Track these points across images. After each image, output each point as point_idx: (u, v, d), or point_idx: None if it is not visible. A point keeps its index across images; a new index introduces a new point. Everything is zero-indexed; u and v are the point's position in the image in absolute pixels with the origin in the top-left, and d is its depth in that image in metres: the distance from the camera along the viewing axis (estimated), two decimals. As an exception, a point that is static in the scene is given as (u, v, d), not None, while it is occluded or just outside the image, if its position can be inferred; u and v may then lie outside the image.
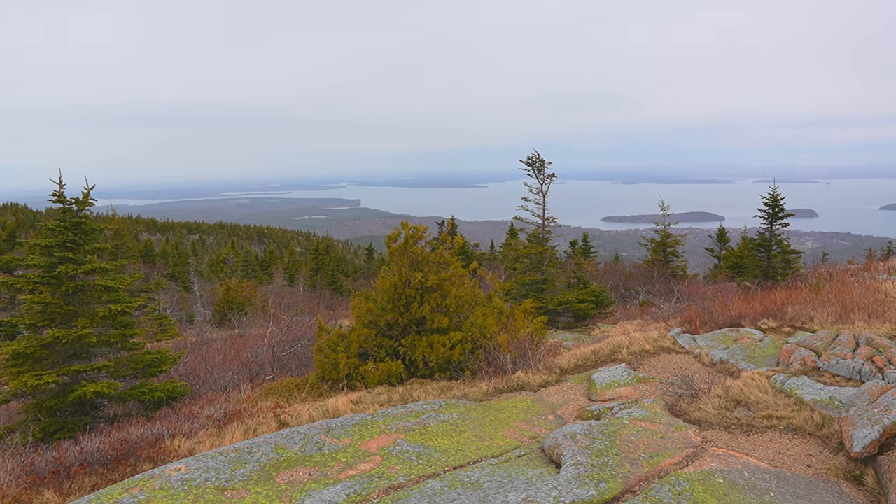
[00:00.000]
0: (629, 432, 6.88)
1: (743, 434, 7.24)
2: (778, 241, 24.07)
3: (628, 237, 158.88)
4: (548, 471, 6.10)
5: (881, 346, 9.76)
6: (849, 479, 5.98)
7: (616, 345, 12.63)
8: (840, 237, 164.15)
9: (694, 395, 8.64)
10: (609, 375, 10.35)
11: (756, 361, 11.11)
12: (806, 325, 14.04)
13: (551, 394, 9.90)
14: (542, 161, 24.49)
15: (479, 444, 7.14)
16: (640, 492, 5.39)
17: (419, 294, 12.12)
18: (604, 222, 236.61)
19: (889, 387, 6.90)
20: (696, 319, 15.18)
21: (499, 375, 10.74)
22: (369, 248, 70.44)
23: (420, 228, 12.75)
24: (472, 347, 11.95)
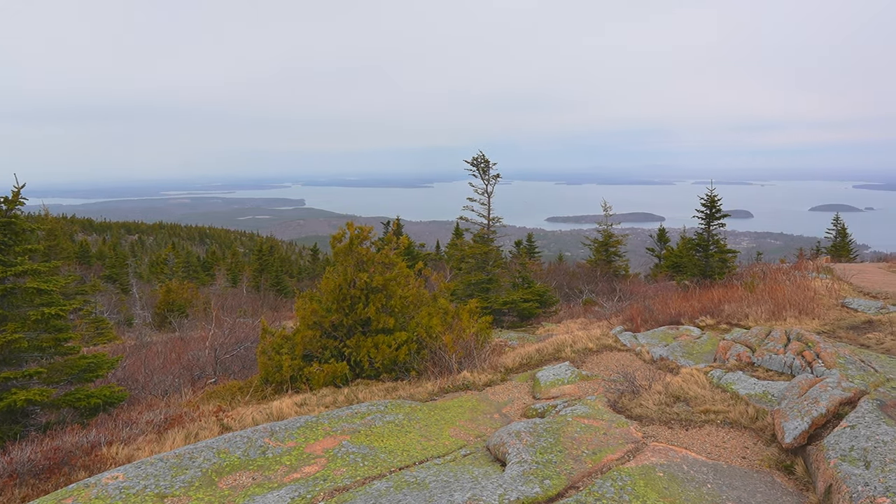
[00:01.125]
0: (573, 429, 6.98)
1: (682, 428, 7.42)
2: (715, 240, 24.77)
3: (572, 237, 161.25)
4: (493, 469, 6.14)
5: (810, 342, 10.15)
6: (780, 469, 6.19)
7: (560, 343, 12.80)
8: (773, 237, 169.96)
9: (635, 392, 8.82)
10: (553, 374, 10.48)
11: (694, 358, 11.41)
12: (741, 321, 14.49)
13: (496, 393, 9.98)
14: (487, 162, 24.64)
15: (425, 444, 7.14)
16: (583, 487, 5.48)
17: (364, 294, 12.05)
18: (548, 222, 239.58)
19: (817, 380, 7.18)
20: (637, 318, 15.50)
21: (444, 375, 10.76)
22: (314, 248, 69.72)
23: (365, 229, 12.69)
24: (417, 348, 11.95)
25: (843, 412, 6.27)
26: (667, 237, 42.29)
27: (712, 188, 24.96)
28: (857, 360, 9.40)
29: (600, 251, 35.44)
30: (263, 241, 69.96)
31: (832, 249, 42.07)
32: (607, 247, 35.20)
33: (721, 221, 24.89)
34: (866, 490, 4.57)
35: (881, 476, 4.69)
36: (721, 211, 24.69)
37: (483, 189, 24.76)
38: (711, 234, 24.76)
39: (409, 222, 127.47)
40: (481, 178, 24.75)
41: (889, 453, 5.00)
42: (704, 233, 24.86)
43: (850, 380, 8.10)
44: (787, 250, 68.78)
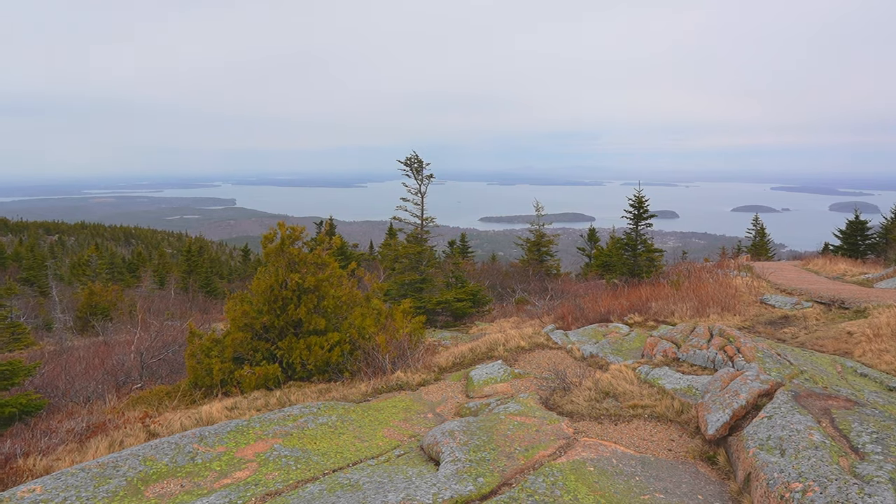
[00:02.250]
0: (506, 427, 7.07)
1: (611, 423, 7.60)
2: (643, 240, 25.44)
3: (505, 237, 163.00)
4: (427, 469, 6.16)
5: (731, 337, 10.55)
6: (704, 459, 6.42)
7: (493, 342, 12.92)
8: (698, 236, 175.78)
9: (566, 389, 8.99)
10: (486, 372, 10.57)
11: (623, 354, 11.70)
12: (668, 318, 14.94)
13: (430, 392, 10.00)
14: (421, 162, 24.67)
15: (359, 446, 7.10)
16: (516, 484, 5.55)
17: (296, 295, 11.89)
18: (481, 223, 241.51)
19: (738, 374, 7.48)
20: (568, 316, 15.78)
21: (378, 376, 10.72)
22: (245, 248, 68.37)
23: (297, 229, 12.52)
24: (350, 349, 11.87)
25: (762, 403, 6.55)
26: (597, 237, 43.22)
27: (640, 189, 25.64)
28: (774, 353, 9.82)
29: (532, 251, 35.93)
30: (192, 242, 68.13)
31: (752, 248, 43.82)
32: (539, 246, 35.72)
33: (648, 222, 25.59)
34: (782, 476, 4.78)
35: (795, 463, 4.92)
36: (648, 211, 25.38)
37: (416, 189, 24.77)
38: (639, 233, 25.43)
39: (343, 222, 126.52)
40: (415, 179, 24.76)
41: (802, 441, 5.25)
42: (633, 233, 25.50)
43: (767, 373, 8.47)
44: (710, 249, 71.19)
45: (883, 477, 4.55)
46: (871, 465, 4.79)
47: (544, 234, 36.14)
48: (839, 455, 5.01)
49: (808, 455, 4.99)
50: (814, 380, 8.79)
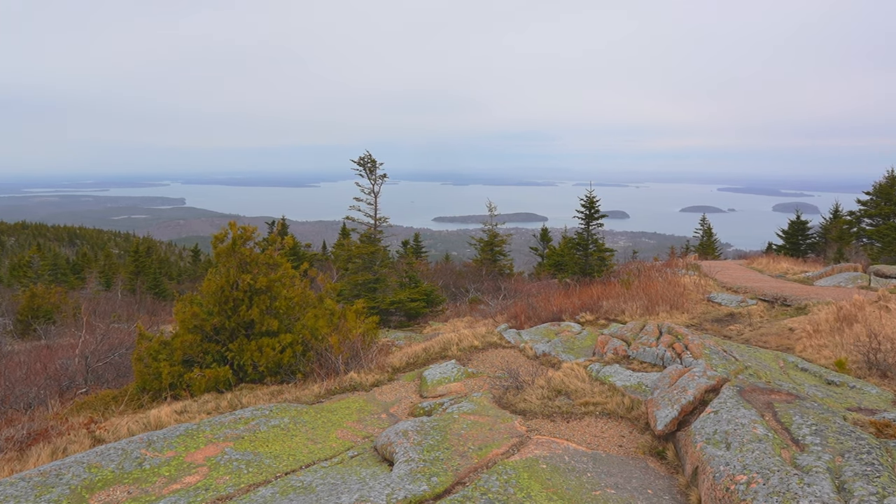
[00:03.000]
0: (459, 426, 7.10)
1: (564, 421, 7.70)
2: (594, 240, 25.82)
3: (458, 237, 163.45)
4: (381, 469, 6.14)
5: (680, 334, 10.80)
6: (654, 455, 6.56)
7: (446, 342, 12.95)
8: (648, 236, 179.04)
9: (519, 387, 9.07)
10: (440, 372, 10.60)
11: (575, 352, 11.86)
12: (618, 317, 15.20)
13: (384, 393, 9.98)
14: (374, 161, 24.60)
15: (312, 448, 7.04)
16: (469, 483, 5.57)
17: (248, 296, 11.73)
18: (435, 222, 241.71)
19: (686, 370, 7.65)
20: (521, 315, 15.92)
21: (331, 377, 10.65)
22: (195, 249, 67.12)
23: (249, 229, 12.35)
24: (303, 350, 11.76)
25: (708, 399, 6.71)
26: (549, 237, 43.69)
27: (592, 190, 26.01)
28: (721, 350, 10.09)
29: (486, 251, 36.15)
30: (140, 242, 66.55)
31: (700, 248, 44.89)
32: (492, 246, 35.95)
33: (600, 222, 25.99)
34: (727, 469, 4.92)
35: (739, 456, 5.06)
36: (600, 212, 25.77)
37: (370, 189, 24.70)
38: (591, 233, 25.80)
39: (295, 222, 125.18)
40: (368, 178, 24.68)
41: (746, 434, 5.40)
42: (584, 232, 25.87)
43: (714, 369, 8.68)
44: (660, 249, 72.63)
45: (821, 467, 4.71)
46: (810, 456, 4.96)
47: (497, 233, 36.40)
48: (781, 447, 5.18)
49: (752, 448, 5.14)
50: (758, 375, 9.05)
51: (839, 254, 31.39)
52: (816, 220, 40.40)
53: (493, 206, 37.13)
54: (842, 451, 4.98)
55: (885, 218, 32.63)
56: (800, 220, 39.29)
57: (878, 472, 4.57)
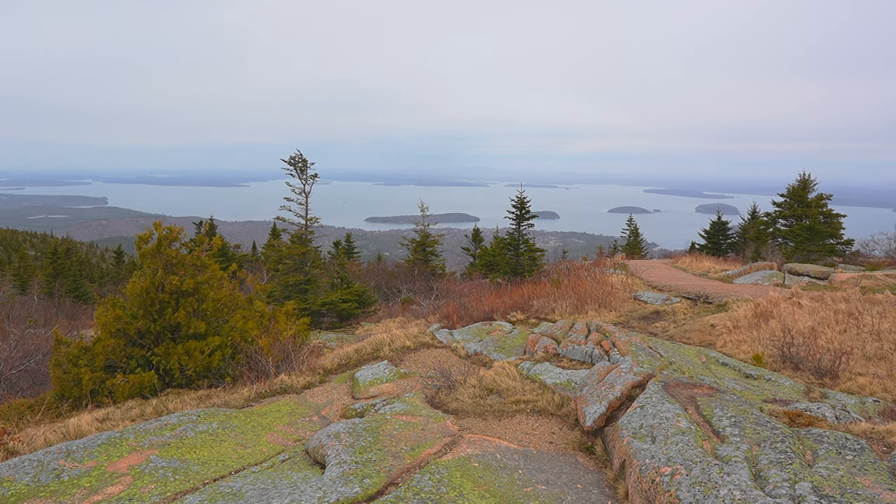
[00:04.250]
0: (392, 427, 7.08)
1: (495, 419, 7.79)
2: (525, 240, 26.18)
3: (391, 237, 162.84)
4: (312, 472, 6.08)
5: (607, 332, 11.07)
6: (583, 450, 6.71)
7: (378, 342, 12.91)
8: (577, 236, 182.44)
9: (451, 387, 9.12)
10: (372, 373, 10.56)
11: (506, 351, 12.00)
12: (549, 316, 15.46)
13: (315, 395, 9.87)
14: (305, 161, 24.29)
15: (242, 452, 6.90)
16: (402, 483, 5.57)
17: (174, 299, 11.41)
18: (367, 223, 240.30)
19: (613, 367, 7.85)
20: (453, 315, 16.00)
21: (261, 380, 10.47)
22: (118, 250, 64.78)
23: (175, 229, 12.01)
24: (232, 353, 11.51)
25: (635, 394, 6.91)
26: (481, 237, 44.06)
27: (522, 190, 26.36)
28: (647, 346, 10.39)
29: (418, 251, 36.19)
30: (58, 243, 63.72)
31: (627, 248, 46.08)
32: (424, 246, 36.02)
33: (530, 222, 26.37)
34: (653, 462, 5.08)
35: (664, 448, 5.23)
36: (530, 212, 26.15)
37: (301, 189, 24.38)
38: (522, 233, 26.14)
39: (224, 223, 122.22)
40: (299, 178, 24.35)
41: (670, 428, 5.59)
42: (515, 233, 26.20)
43: (640, 365, 8.95)
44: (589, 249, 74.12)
45: (739, 457, 4.93)
46: (729, 446, 5.17)
47: (430, 234, 36.50)
48: (703, 439, 5.38)
49: (676, 441, 5.32)
50: (681, 370, 9.37)
51: (757, 253, 32.79)
52: (736, 221, 42.12)
53: (425, 207, 37.22)
54: (758, 440, 5.21)
55: (797, 219, 34.27)
56: (720, 220, 40.89)
57: (791, 459, 4.82)
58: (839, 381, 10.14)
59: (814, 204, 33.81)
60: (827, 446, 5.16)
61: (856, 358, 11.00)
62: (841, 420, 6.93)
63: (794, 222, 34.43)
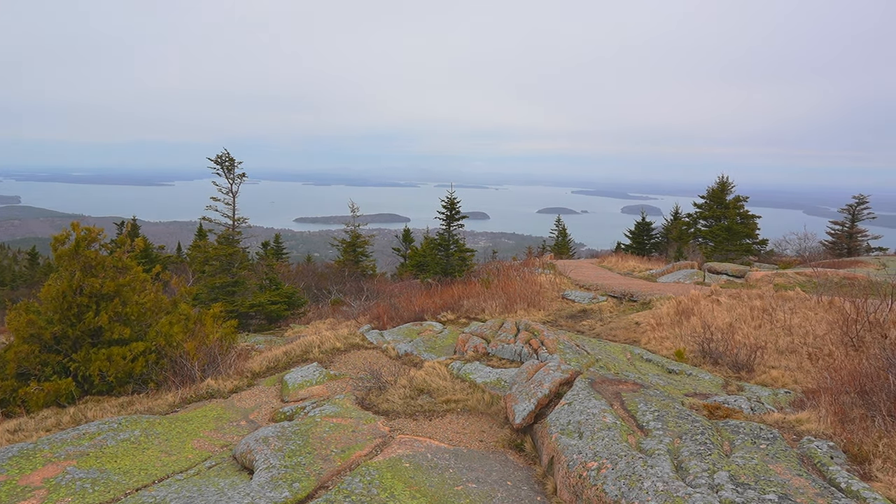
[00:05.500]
0: (322, 429, 7.02)
1: (426, 419, 7.81)
2: (455, 240, 26.32)
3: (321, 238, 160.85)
4: (240, 478, 5.96)
5: (536, 331, 11.25)
6: (513, 448, 6.80)
7: (308, 344, 12.76)
8: (507, 236, 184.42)
9: (382, 388, 9.10)
10: (301, 375, 10.43)
11: (437, 351, 12.05)
12: (479, 315, 15.59)
13: (243, 399, 9.67)
14: (233, 160, 23.74)
15: (166, 460, 6.71)
16: (332, 486, 5.53)
17: (94, 302, 10.98)
18: (296, 223, 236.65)
19: (542, 365, 7.99)
20: (384, 315, 15.96)
21: (187, 385, 10.19)
22: (32, 252, 61.81)
23: (94, 230, 11.56)
24: (156, 357, 11.16)
25: (563, 391, 7.05)
26: (411, 237, 44.07)
27: (452, 191, 26.50)
28: (574, 344, 10.61)
29: (348, 251, 35.94)
30: (-35, 246, 60.39)
31: (555, 247, 46.93)
32: (355, 247, 35.81)
33: (460, 222, 26.53)
34: (580, 457, 5.20)
35: (591, 444, 5.37)
36: (460, 212, 26.32)
37: (228, 188, 23.81)
38: (452, 234, 26.28)
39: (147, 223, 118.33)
40: (226, 177, 23.78)
41: (597, 423, 5.73)
42: (446, 233, 26.31)
43: (568, 363, 9.13)
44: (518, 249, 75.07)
45: (662, 449, 5.10)
46: (653, 440, 5.34)
47: (360, 234, 36.29)
48: (628, 433, 5.54)
49: (602, 436, 5.46)
50: (607, 367, 9.61)
51: (679, 252, 33.94)
52: (660, 222, 43.52)
53: (355, 207, 36.99)
54: (680, 433, 5.40)
55: (716, 220, 35.69)
56: (645, 221, 42.14)
57: (710, 450, 5.01)
58: (755, 374, 10.60)
59: (732, 205, 35.27)
60: (743, 437, 5.40)
61: (769, 352, 11.52)
62: (756, 411, 7.24)
63: (714, 223, 35.85)
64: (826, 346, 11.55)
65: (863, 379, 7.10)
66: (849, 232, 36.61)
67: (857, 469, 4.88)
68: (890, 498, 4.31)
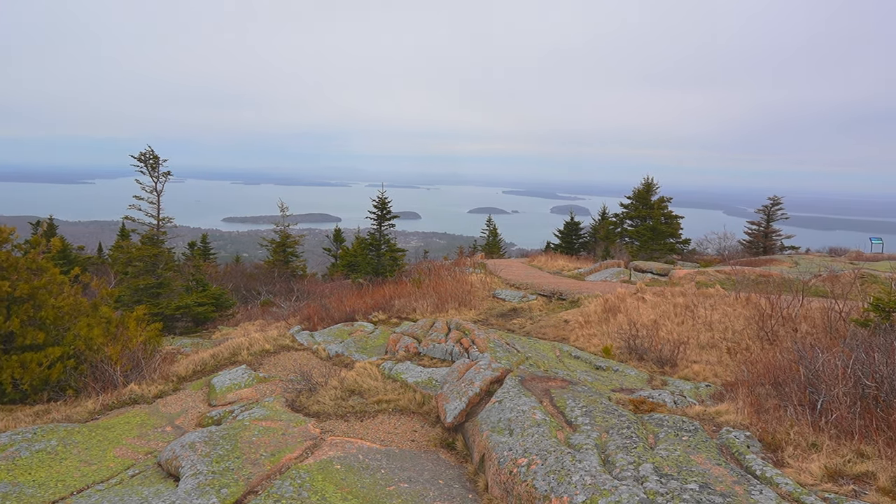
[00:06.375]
0: (250, 433, 6.88)
1: (358, 420, 7.77)
2: (386, 240, 26.28)
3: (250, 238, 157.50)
4: (165, 486, 5.79)
5: (467, 330, 11.34)
6: (444, 446, 6.83)
7: (236, 347, 12.51)
8: (439, 236, 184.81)
9: (313, 389, 9.00)
10: (229, 378, 10.21)
11: (368, 352, 12.00)
12: (410, 315, 15.60)
13: (169, 404, 9.40)
14: (157, 158, 23.04)
15: (85, 470, 6.45)
16: (262, 491, 5.44)
17: (5, 306, 10.45)
18: (224, 223, 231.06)
19: (472, 364, 8.05)
20: (314, 316, 15.79)
21: (109, 390, 9.83)
22: (-64, 254, 58.41)
23: (5, 230, 11.02)
24: (75, 363, 10.72)
25: (493, 389, 7.13)
26: (343, 237, 43.75)
27: (384, 191, 26.44)
28: (504, 343, 10.74)
29: (278, 252, 35.41)
30: None
31: (486, 247, 47.37)
32: (285, 247, 35.31)
33: (392, 222, 26.51)
34: (510, 454, 5.26)
35: (521, 440, 5.44)
36: (392, 212, 26.29)
37: (152, 187, 23.10)
38: (383, 234, 26.22)
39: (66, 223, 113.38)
40: (150, 176, 23.06)
41: (527, 420, 5.82)
42: (377, 233, 26.24)
43: (498, 361, 9.23)
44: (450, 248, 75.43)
45: (590, 444, 5.22)
46: (581, 435, 5.46)
47: (290, 234, 35.82)
48: (557, 429, 5.64)
49: (532, 432, 5.55)
50: (537, 364, 9.76)
51: (606, 251, 34.78)
52: (588, 222, 44.51)
53: (285, 207, 36.47)
54: (607, 427, 5.54)
55: (642, 220, 36.76)
56: (573, 221, 43.01)
57: (635, 443, 5.16)
58: (678, 368, 10.98)
59: (656, 206, 36.38)
60: (667, 429, 5.58)
61: (692, 347, 11.95)
62: (679, 405, 7.49)
63: (640, 223, 36.90)
64: (744, 340, 12.06)
65: (776, 371, 7.44)
66: (764, 231, 38.36)
67: (770, 457, 5.12)
68: (800, 482, 4.55)
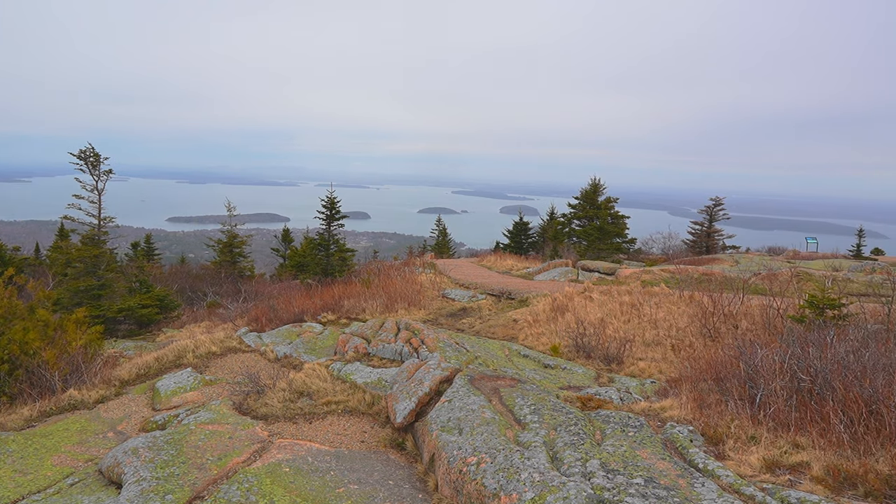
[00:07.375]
0: (196, 437, 6.75)
1: (307, 422, 7.69)
2: (335, 240, 26.10)
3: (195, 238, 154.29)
4: (107, 494, 5.64)
5: (417, 330, 11.33)
6: (394, 447, 6.82)
7: (181, 349, 12.25)
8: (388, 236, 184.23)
9: (260, 392, 8.87)
10: (174, 382, 10.00)
11: (317, 353, 11.89)
12: (360, 315, 15.51)
13: (110, 409, 9.15)
14: (98, 156, 22.35)
15: (21, 480, 6.23)
16: (208, 496, 5.34)
17: (-65, 310, 10.04)
18: (169, 223, 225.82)
19: (422, 363, 8.06)
20: (262, 318, 15.57)
21: (46, 396, 9.51)
22: None
23: (-65, 231, 10.58)
24: (9, 368, 10.33)
25: (443, 389, 7.15)
26: (291, 237, 43.26)
27: (332, 190, 26.25)
28: (454, 342, 10.77)
29: (225, 252, 34.81)
30: None
31: (436, 247, 47.42)
32: (232, 247, 34.73)
33: (341, 222, 26.34)
34: (460, 453, 5.28)
35: (470, 439, 5.47)
36: (341, 212, 26.13)
37: (93, 186, 22.41)
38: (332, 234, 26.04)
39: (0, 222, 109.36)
40: (90, 174, 22.36)
41: (476, 419, 5.85)
42: (326, 233, 26.03)
43: (448, 360, 9.25)
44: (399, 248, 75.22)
45: (538, 442, 5.28)
46: (530, 433, 5.52)
47: (237, 234, 35.23)
48: (506, 428, 5.69)
49: (482, 431, 5.58)
50: (486, 364, 9.82)
51: (554, 251, 35.20)
52: (536, 222, 44.97)
53: (232, 206, 35.86)
54: (555, 425, 5.61)
55: (589, 220, 37.33)
56: (522, 221, 43.40)
57: (583, 440, 5.25)
58: (624, 366, 11.18)
59: (603, 206, 36.99)
60: (613, 425, 5.68)
61: (637, 344, 12.19)
62: (625, 401, 7.64)
63: (587, 223, 37.46)
64: (687, 337, 12.36)
65: (718, 367, 7.64)
66: (707, 231, 39.40)
67: (713, 450, 5.26)
68: (740, 474, 4.69)
